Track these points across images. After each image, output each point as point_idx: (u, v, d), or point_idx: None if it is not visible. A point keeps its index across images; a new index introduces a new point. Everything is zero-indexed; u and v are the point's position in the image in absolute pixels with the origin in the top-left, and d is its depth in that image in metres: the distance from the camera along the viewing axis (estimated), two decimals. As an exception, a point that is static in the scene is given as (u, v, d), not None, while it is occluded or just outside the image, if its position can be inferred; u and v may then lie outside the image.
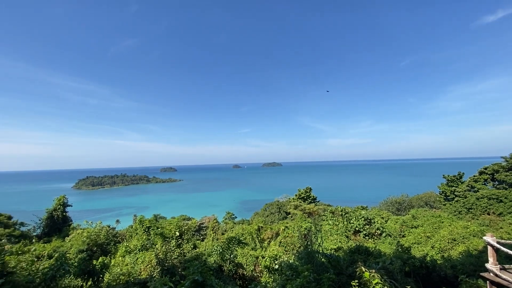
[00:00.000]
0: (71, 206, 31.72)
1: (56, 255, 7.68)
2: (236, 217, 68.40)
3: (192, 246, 11.00)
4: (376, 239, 32.15)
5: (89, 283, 7.66)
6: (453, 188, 49.34)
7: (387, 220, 34.38)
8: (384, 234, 32.36)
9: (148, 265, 9.10)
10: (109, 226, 22.18)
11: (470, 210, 43.61)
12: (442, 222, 41.91)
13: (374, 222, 33.32)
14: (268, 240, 33.92)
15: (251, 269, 12.00)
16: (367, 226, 33.10)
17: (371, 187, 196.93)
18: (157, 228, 11.65)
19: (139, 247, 10.30)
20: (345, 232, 32.39)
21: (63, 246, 12.40)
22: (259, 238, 33.81)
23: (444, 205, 48.72)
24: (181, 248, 10.58)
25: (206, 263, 7.48)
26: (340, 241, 35.90)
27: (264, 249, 17.52)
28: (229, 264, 10.41)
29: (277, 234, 38.62)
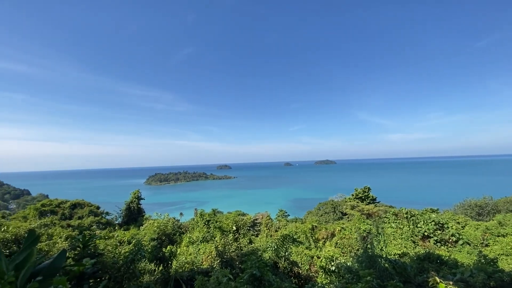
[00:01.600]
0: (144, 199, 36.11)
1: (133, 241, 8.88)
2: (289, 215, 68.23)
3: (248, 241, 11.36)
4: (450, 247, 28.21)
5: (160, 268, 8.65)
6: (559, 190, 40.12)
7: (464, 226, 29.73)
8: (461, 242, 28.18)
9: (208, 256, 9.70)
10: (174, 218, 24.62)
11: None
12: (542, 232, 34.21)
13: (448, 227, 29.27)
14: (323, 240, 32.90)
15: (306, 268, 11.82)
16: (439, 232, 29.28)
17: (442, 187, 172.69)
18: (216, 222, 12.38)
19: (201, 239, 11.12)
20: (411, 236, 29.23)
21: (139, 234, 14.29)
22: (314, 238, 33.03)
23: (545, 211, 39.69)
24: (238, 242, 10.97)
25: (262, 258, 7.62)
26: (405, 246, 32.50)
27: (319, 249, 17.07)
28: (284, 261, 10.46)
29: (333, 235, 37.13)
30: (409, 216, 31.82)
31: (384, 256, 10.90)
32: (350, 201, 66.89)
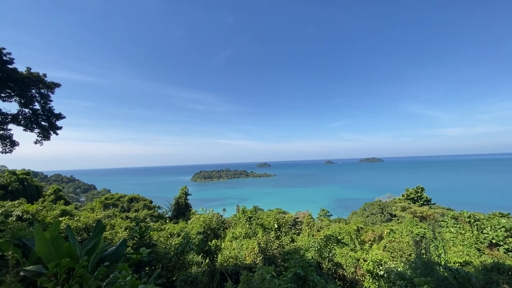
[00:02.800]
0: (190, 195, 38.41)
1: (182, 234, 9.51)
2: (331, 215, 65.95)
3: (290, 239, 11.26)
4: (527, 258, 24.24)
5: (206, 260, 9.11)
6: None
7: (546, 235, 25.27)
8: (542, 254, 24.05)
9: (251, 252, 9.88)
10: (218, 214, 25.68)
11: None
12: None
13: (524, 235, 25.18)
14: (369, 242, 31.00)
15: (352, 271, 11.27)
16: (511, 239, 25.47)
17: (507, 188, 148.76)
18: (258, 219, 12.54)
19: (243, 235, 11.38)
20: (475, 243, 25.85)
21: (187, 228, 15.24)
22: (359, 240, 31.31)
23: None
24: (280, 240, 10.93)
25: (305, 258, 7.50)
26: (468, 254, 28.67)
27: (365, 251, 16.18)
28: (327, 262, 10.14)
29: (380, 237, 34.70)
30: (473, 220, 28.24)
31: (443, 263, 9.82)
32: (400, 202, 61.81)
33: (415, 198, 60.99)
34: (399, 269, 11.07)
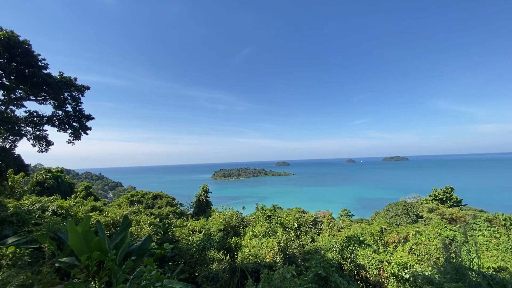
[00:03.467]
0: (211, 193, 39.17)
1: (203, 231, 9.75)
2: (353, 215, 64.29)
3: (310, 239, 11.12)
4: None
5: (227, 257, 9.26)
6: None
7: None
8: None
9: (271, 250, 9.88)
10: (238, 212, 25.97)
11: None
12: None
13: None
14: (393, 244, 29.83)
15: (375, 273, 10.92)
16: (554, 246, 23.52)
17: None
18: (277, 217, 12.51)
19: (263, 233, 11.42)
20: (511, 248, 24.02)
21: (207, 225, 15.56)
22: (382, 241, 30.24)
23: None
24: (300, 240, 10.83)
25: (326, 258, 7.37)
26: (503, 260, 26.71)
27: (389, 253, 15.63)
28: (349, 263, 9.90)
29: (406, 239, 33.27)
30: (509, 223, 26.28)
31: (476, 268, 9.22)
32: (427, 203, 58.95)
33: (444, 199, 57.80)
34: (426, 273, 10.54)
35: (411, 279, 10.56)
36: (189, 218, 28.60)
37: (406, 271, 11.09)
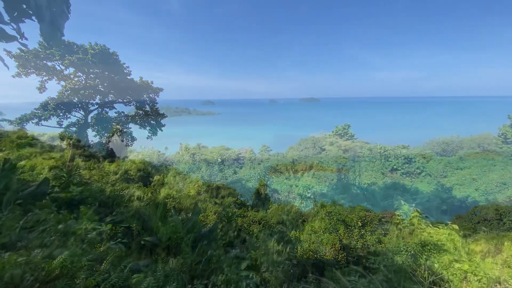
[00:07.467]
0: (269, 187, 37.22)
1: (262, 222, 11.62)
2: (271, 150, 71.59)
3: (376, 240, 11.02)
4: (414, 178, 31.98)
5: (287, 249, 9.15)
6: (518, 129, 44.34)
7: (429, 160, 33.33)
8: (423, 174, 31.93)
9: (332, 248, 9.85)
10: (295, 206, 26.13)
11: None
12: (494, 166, 38.79)
13: (415, 161, 32.67)
14: (301, 172, 35.64)
15: (459, 286, 9.36)
16: (406, 165, 32.76)
17: (419, 127, 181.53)
18: (338, 214, 12.21)
19: (323, 229, 11.24)
20: (381, 169, 32.49)
21: (266, 217, 15.01)
22: (293, 170, 35.40)
23: (501, 148, 44.45)
24: (364, 239, 11.08)
25: (395, 262, 7.43)
26: (375, 177, 36.01)
27: (474, 264, 14.06)
28: (423, 271, 8.58)
29: (311, 167, 40.09)
30: (382, 151, 34.75)
31: (357, 184, 12.22)
32: (329, 137, 70.57)
33: (342, 134, 70.22)
34: (323, 191, 13.36)
35: (311, 197, 13.18)
36: (249, 209, 27.14)
37: (308, 191, 13.64)
